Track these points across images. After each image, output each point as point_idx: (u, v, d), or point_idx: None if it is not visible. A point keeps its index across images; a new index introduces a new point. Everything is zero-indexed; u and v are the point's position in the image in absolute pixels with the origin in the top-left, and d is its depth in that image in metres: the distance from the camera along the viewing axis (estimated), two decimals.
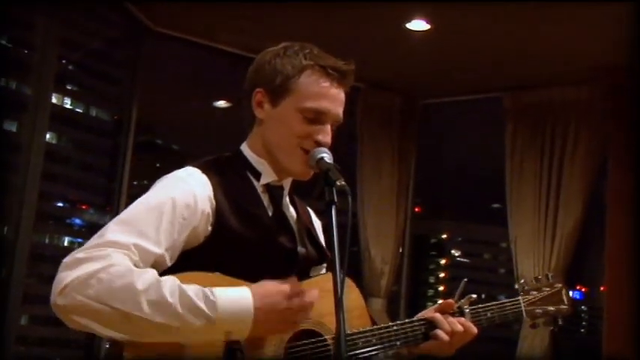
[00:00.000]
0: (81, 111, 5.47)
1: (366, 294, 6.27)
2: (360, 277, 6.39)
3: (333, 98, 2.11)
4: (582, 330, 26.23)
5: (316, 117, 2.09)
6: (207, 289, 1.84)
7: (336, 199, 1.90)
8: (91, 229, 1.80)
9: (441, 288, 39.28)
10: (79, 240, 5.36)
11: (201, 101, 7.19)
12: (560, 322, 2.49)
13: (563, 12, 4.84)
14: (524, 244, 5.97)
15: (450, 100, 6.73)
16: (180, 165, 2.15)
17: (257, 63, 2.17)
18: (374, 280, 6.25)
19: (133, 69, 5.48)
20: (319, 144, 2.07)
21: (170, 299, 1.78)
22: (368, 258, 6.33)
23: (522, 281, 2.49)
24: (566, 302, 2.48)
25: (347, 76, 2.13)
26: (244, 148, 2.18)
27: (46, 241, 5.80)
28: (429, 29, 5.27)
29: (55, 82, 4.81)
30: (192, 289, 1.82)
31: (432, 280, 40.25)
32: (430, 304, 2.35)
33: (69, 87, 5.27)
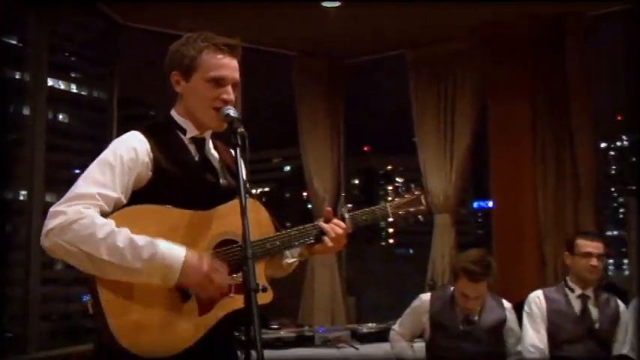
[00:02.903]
0: (79, 92, 5.39)
1: (314, 217, 6.48)
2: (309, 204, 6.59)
3: (228, 66, 2.24)
4: None
5: (219, 82, 2.22)
6: (155, 241, 2.02)
7: (239, 142, 2.08)
8: None
9: None
10: None
11: None
12: (421, 219, 2.57)
13: None
14: (431, 166, 6.16)
15: (367, 58, 6.71)
16: None
17: (170, 52, 2.30)
18: (318, 205, 6.35)
19: (111, 58, 5.51)
20: (225, 102, 2.21)
21: (121, 245, 1.98)
22: (312, 188, 6.47)
23: (390, 190, 2.57)
24: (424, 204, 2.56)
25: (236, 48, 2.27)
26: (173, 113, 2.32)
27: None
28: (340, 5, 5.36)
29: (50, 69, 4.83)
30: (142, 239, 2.02)
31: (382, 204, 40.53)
32: None
33: (64, 73, 5.23)
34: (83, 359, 4.04)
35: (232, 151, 2.16)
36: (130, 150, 2.14)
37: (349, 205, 2.44)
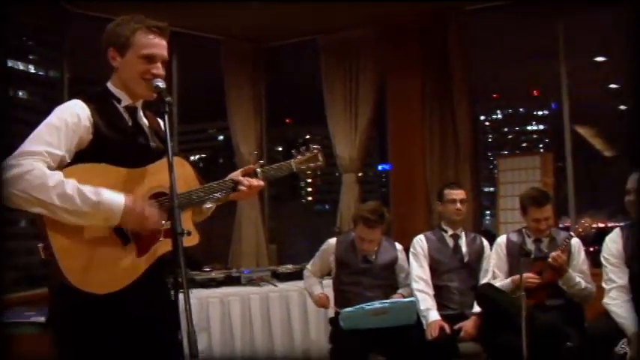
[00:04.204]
0: (36, 72, 5.40)
1: None
2: (235, 165, 6.56)
3: (158, 45, 2.24)
4: None
5: (150, 59, 2.22)
6: (98, 189, 2.04)
7: (167, 109, 2.11)
8: None
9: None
10: None
11: None
12: (319, 173, 2.60)
13: None
14: (339, 134, 6.28)
15: (286, 42, 6.64)
16: None
17: (106, 31, 2.27)
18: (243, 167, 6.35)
19: (61, 42, 5.45)
20: (155, 75, 2.21)
21: (70, 192, 2.00)
22: (238, 152, 6.47)
23: (293, 151, 2.57)
24: (321, 160, 2.60)
25: (164, 30, 2.27)
26: (109, 84, 2.30)
27: None
28: None
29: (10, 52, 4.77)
30: (87, 188, 2.03)
31: None
32: None
33: (23, 56, 5.19)
34: (41, 301, 4.09)
35: (160, 120, 2.13)
36: (74, 115, 2.13)
37: (261, 162, 2.52)
